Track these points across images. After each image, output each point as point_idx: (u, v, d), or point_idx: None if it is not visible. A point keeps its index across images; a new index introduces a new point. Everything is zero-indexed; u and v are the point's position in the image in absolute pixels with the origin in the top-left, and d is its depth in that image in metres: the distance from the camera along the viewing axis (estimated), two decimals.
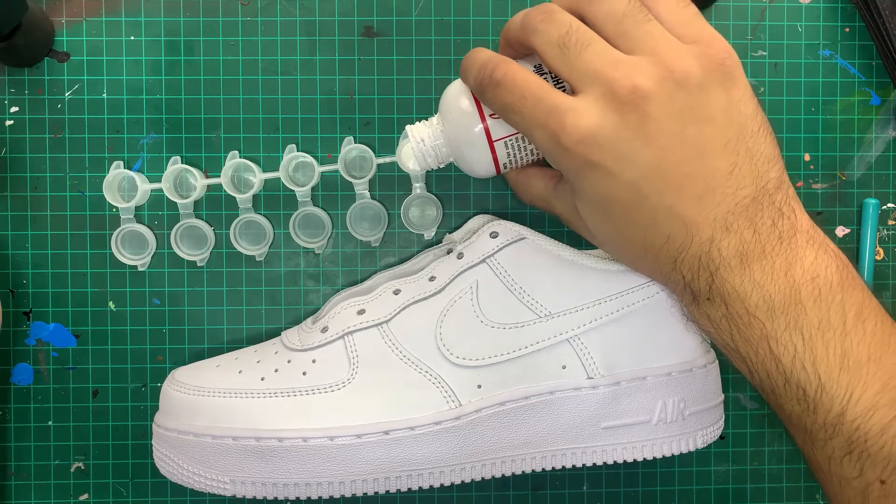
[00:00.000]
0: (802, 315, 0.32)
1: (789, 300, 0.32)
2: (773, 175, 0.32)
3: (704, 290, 0.33)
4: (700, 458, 0.45)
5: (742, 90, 0.32)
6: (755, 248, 0.32)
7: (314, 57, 0.43)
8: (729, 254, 0.32)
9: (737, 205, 0.32)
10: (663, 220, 0.32)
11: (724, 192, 0.32)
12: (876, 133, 0.45)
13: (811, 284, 0.32)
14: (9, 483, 0.43)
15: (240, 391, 0.37)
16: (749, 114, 0.32)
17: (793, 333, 0.32)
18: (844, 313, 0.32)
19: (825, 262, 0.32)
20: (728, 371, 0.44)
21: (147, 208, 0.43)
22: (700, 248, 0.32)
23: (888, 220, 0.45)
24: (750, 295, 0.32)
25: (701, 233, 0.32)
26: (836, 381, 0.31)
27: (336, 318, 0.39)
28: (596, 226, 0.35)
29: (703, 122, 0.32)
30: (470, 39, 0.43)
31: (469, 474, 0.37)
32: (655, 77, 0.31)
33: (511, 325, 0.37)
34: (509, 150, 0.37)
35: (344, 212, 0.43)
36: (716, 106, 0.32)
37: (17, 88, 0.43)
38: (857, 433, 0.31)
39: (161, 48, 0.43)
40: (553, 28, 0.33)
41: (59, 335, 0.43)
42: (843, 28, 0.44)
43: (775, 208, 0.32)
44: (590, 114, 0.31)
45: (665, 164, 0.32)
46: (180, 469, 0.37)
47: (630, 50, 0.32)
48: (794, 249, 0.32)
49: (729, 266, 0.32)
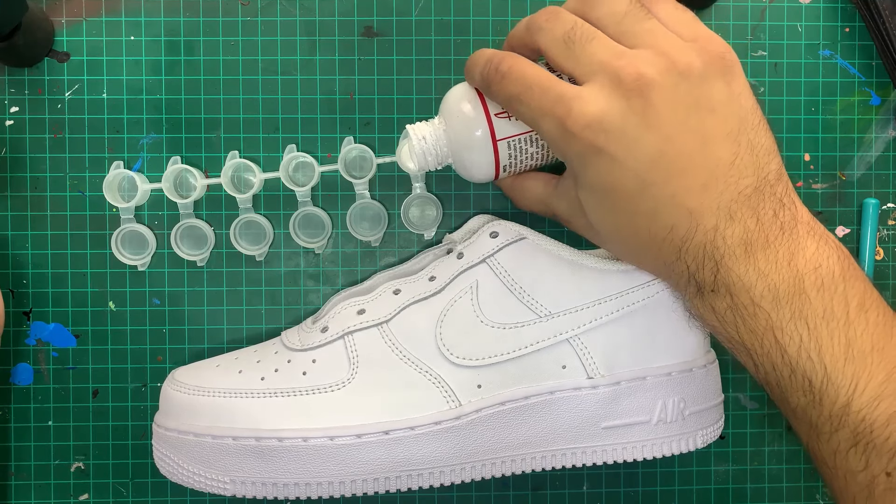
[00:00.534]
0: (807, 304, 0.32)
1: (793, 290, 0.32)
2: (773, 167, 0.33)
3: (709, 281, 0.33)
4: (700, 458, 0.45)
5: (742, 85, 0.33)
6: (759, 238, 0.32)
7: (314, 57, 0.43)
8: (734, 242, 0.32)
9: (739, 194, 0.32)
10: (667, 209, 0.32)
11: (726, 182, 0.32)
12: (876, 133, 0.45)
13: (814, 274, 0.32)
14: (9, 483, 0.43)
15: (240, 391, 0.37)
16: (749, 108, 0.33)
17: (798, 323, 0.32)
18: (847, 303, 0.32)
19: (826, 252, 0.32)
20: (728, 371, 0.44)
21: (147, 208, 0.43)
22: (705, 237, 0.32)
23: (888, 220, 0.45)
24: (755, 284, 0.32)
25: (705, 221, 0.32)
26: (841, 371, 0.31)
27: (336, 318, 0.39)
28: (599, 218, 0.35)
29: (706, 112, 0.32)
30: (470, 39, 0.43)
31: (469, 474, 0.37)
32: (659, 67, 0.32)
33: (511, 325, 0.37)
34: (511, 152, 0.37)
35: (344, 212, 0.43)
36: (717, 97, 0.32)
37: (17, 88, 0.43)
38: (863, 424, 0.31)
39: (161, 48, 0.43)
40: (558, 25, 0.34)
41: (59, 335, 0.43)
42: (843, 28, 0.44)
43: (776, 199, 0.33)
44: (596, 100, 0.32)
45: (669, 152, 0.32)
46: (180, 469, 0.37)
47: (632, 46, 0.33)
48: (796, 240, 0.32)
49: (734, 255, 0.32)
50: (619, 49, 0.33)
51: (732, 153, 0.32)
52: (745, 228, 0.32)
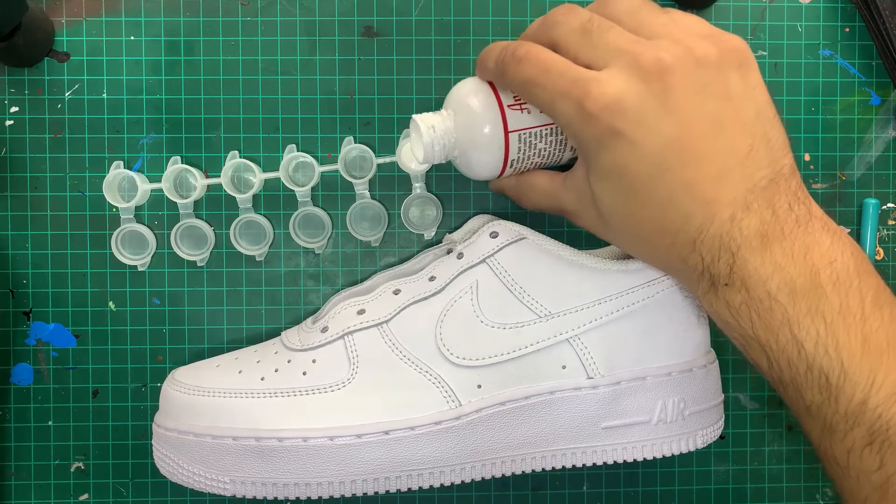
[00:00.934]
0: (823, 299, 0.31)
1: (810, 284, 0.31)
2: (787, 162, 0.33)
3: (724, 274, 0.33)
4: (700, 458, 0.45)
5: (757, 79, 0.34)
6: (775, 229, 0.32)
7: (314, 57, 0.43)
8: (750, 234, 0.32)
9: (755, 185, 0.32)
10: (682, 197, 0.32)
11: (742, 172, 0.32)
12: (876, 133, 0.45)
13: (829, 269, 0.32)
14: (9, 483, 0.43)
15: (240, 391, 0.37)
16: (764, 101, 0.33)
17: (815, 318, 0.31)
18: (862, 299, 0.32)
19: (840, 248, 0.32)
20: (728, 371, 0.44)
21: (147, 208, 0.43)
22: (721, 228, 0.32)
23: (888, 220, 0.45)
24: (771, 277, 0.32)
25: (721, 212, 0.32)
26: (858, 368, 0.31)
27: (336, 318, 0.39)
28: (612, 207, 0.34)
29: (723, 101, 0.32)
30: (470, 39, 0.43)
31: (469, 474, 0.37)
32: (677, 54, 0.32)
33: (511, 325, 0.37)
34: (521, 146, 0.37)
35: (344, 212, 0.43)
36: (734, 87, 0.33)
37: (17, 88, 0.43)
38: (879, 422, 0.30)
39: (161, 48, 0.43)
40: (575, 18, 0.34)
41: (59, 335, 0.43)
42: (843, 28, 0.44)
43: (791, 192, 0.33)
44: (615, 82, 0.32)
45: (685, 138, 0.32)
46: (180, 469, 0.37)
47: (648, 37, 0.33)
48: (811, 234, 0.32)
49: (750, 246, 0.32)
50: (636, 38, 0.33)
51: (748, 144, 0.32)
52: (761, 220, 0.32)
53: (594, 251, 0.40)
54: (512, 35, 0.43)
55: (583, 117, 0.33)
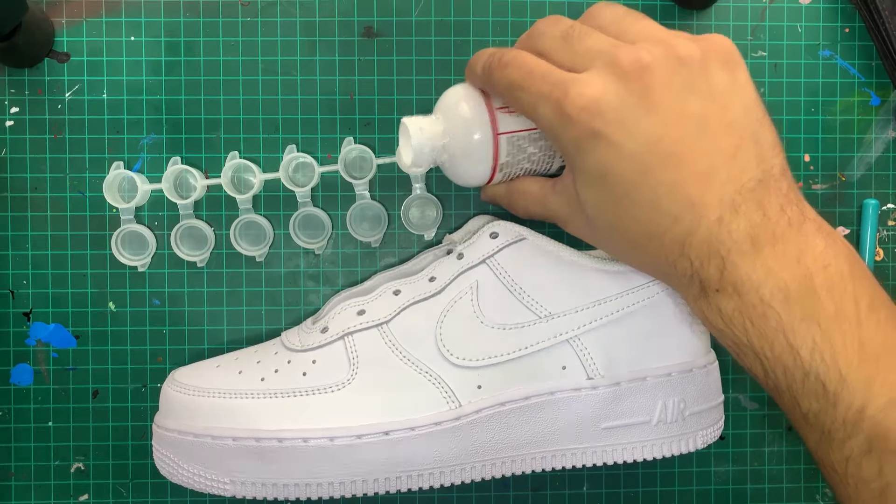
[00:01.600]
0: (818, 304, 0.31)
1: (804, 289, 0.31)
2: (778, 162, 0.32)
3: (715, 279, 0.32)
4: (700, 458, 0.45)
5: (744, 77, 0.33)
6: (766, 232, 0.31)
7: (314, 57, 0.43)
8: (740, 236, 0.31)
9: (742, 186, 0.31)
10: (667, 199, 0.32)
11: (728, 173, 0.31)
12: (876, 133, 0.45)
13: (823, 273, 0.31)
14: (9, 484, 0.43)
15: (240, 392, 0.37)
16: (752, 100, 0.33)
17: (809, 324, 0.31)
18: (857, 303, 0.31)
19: (835, 251, 0.31)
20: (728, 371, 0.44)
21: (147, 209, 0.43)
22: (709, 230, 0.31)
23: (888, 220, 0.45)
24: (764, 282, 0.31)
25: (709, 213, 0.31)
26: (855, 375, 0.30)
27: (336, 319, 0.39)
28: (598, 210, 0.34)
29: (705, 100, 0.32)
30: (470, 40, 0.43)
31: (469, 475, 0.37)
32: (658, 54, 0.32)
33: (511, 326, 0.37)
34: (510, 149, 0.37)
35: (344, 212, 0.43)
36: (718, 85, 0.32)
37: (17, 89, 0.43)
38: (878, 429, 0.30)
39: (161, 49, 0.43)
40: (558, 27, 0.34)
41: (59, 336, 0.43)
42: (843, 28, 0.44)
43: (782, 194, 0.32)
44: (594, 83, 0.32)
45: (667, 138, 0.31)
46: (180, 469, 0.37)
47: (632, 41, 0.33)
48: (804, 237, 0.31)
49: (741, 250, 0.31)
50: (616, 41, 0.33)
51: (734, 144, 0.32)
52: (750, 222, 0.31)
53: (594, 252, 0.40)
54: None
55: (561, 120, 0.32)
